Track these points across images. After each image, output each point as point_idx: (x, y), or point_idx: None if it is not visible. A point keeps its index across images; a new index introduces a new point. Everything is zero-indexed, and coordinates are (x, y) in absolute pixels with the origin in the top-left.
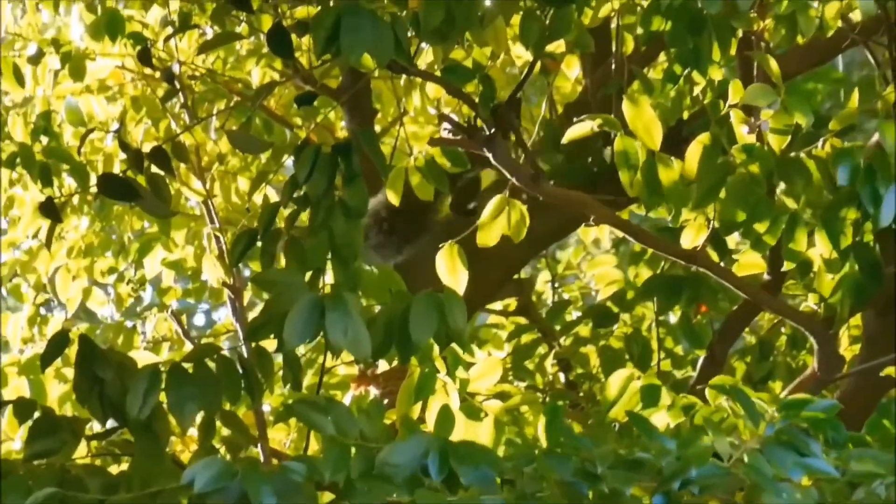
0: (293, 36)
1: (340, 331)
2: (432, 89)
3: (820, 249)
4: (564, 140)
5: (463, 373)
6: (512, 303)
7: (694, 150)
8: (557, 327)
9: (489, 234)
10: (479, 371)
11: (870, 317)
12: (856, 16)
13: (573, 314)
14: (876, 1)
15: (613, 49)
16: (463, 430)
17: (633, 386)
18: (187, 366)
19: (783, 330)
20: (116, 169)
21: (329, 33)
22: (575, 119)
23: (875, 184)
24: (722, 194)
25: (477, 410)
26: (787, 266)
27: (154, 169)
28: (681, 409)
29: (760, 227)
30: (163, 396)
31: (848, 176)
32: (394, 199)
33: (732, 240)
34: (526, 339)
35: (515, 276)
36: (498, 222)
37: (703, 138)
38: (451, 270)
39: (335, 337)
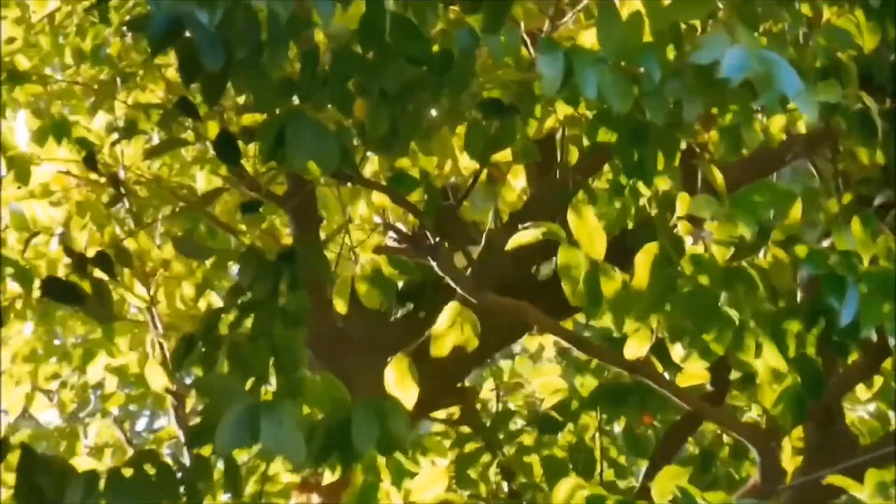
0: (239, 143)
1: (274, 438)
2: (378, 197)
3: (768, 360)
4: (508, 247)
5: (407, 482)
6: (456, 411)
7: (642, 260)
8: (501, 436)
9: (442, 344)
10: (424, 480)
11: (812, 428)
12: (800, 128)
13: (517, 423)
14: (820, 115)
15: (559, 159)
16: None
17: (580, 495)
18: (126, 472)
19: (726, 440)
20: (60, 274)
21: (274, 141)
22: (520, 227)
23: (843, 287)
24: (668, 305)
25: None
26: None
27: (98, 274)
28: None
29: (708, 337)
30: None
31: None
32: (341, 307)
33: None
34: (469, 447)
35: (460, 385)
36: (451, 332)
37: (651, 248)
38: (401, 383)
39: (268, 445)
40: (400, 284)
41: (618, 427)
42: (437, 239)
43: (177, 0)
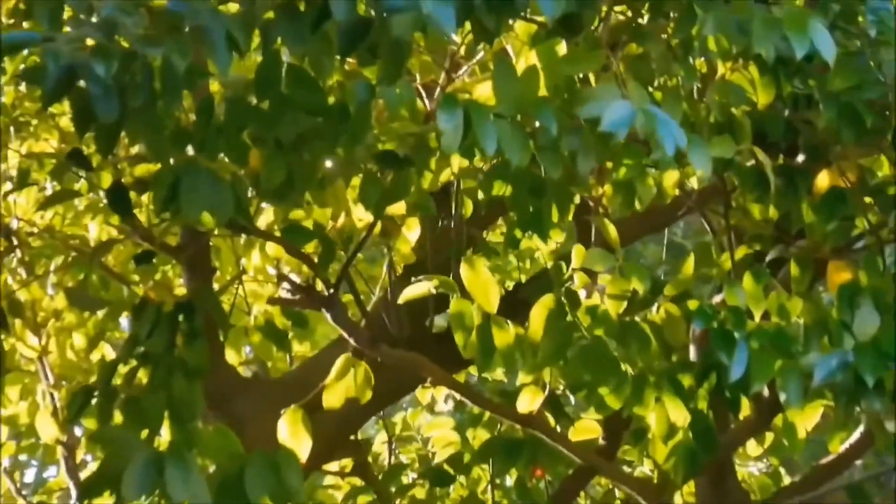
0: (132, 193)
1: (180, 487)
2: (272, 248)
3: (668, 414)
4: (401, 300)
5: None
6: (348, 463)
7: (537, 313)
8: (393, 489)
9: (334, 395)
10: None
11: (703, 484)
12: (693, 183)
13: (410, 476)
14: (713, 170)
15: (453, 212)
16: None
17: None
18: None
19: (618, 495)
20: None
21: (168, 192)
22: (413, 280)
23: (732, 342)
24: (563, 358)
25: None
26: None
27: None
28: None
29: (604, 390)
30: None
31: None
32: (234, 358)
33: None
34: (362, 500)
35: (352, 437)
36: (343, 383)
37: (546, 300)
38: (294, 435)
39: (175, 493)
40: None
41: (510, 480)
42: (332, 290)
43: (72, 50)
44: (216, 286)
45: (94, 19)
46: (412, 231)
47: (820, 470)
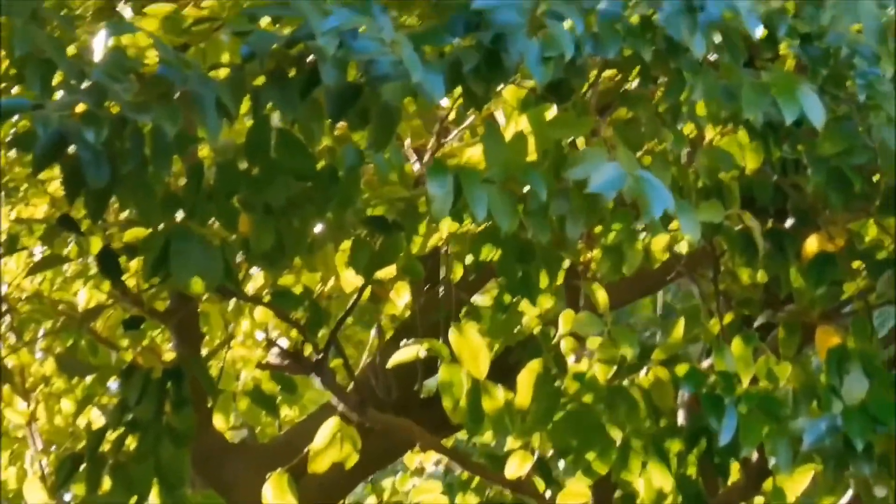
0: (122, 258)
1: None
2: (261, 313)
3: (653, 480)
4: (390, 364)
5: None
6: None
7: (525, 378)
8: None
9: (321, 460)
10: None
11: None
12: (682, 248)
13: None
14: (702, 235)
15: (443, 276)
16: None
17: None
18: None
19: None
20: None
21: (158, 257)
22: (402, 343)
23: (721, 405)
24: (552, 423)
25: None
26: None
27: None
28: None
29: (591, 456)
30: None
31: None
32: (222, 423)
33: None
34: None
35: (341, 502)
36: (330, 449)
37: (534, 365)
38: (279, 499)
39: None
40: None
41: None
42: (321, 355)
43: (62, 116)
44: (205, 351)
45: (84, 84)
46: (401, 295)
47: None
